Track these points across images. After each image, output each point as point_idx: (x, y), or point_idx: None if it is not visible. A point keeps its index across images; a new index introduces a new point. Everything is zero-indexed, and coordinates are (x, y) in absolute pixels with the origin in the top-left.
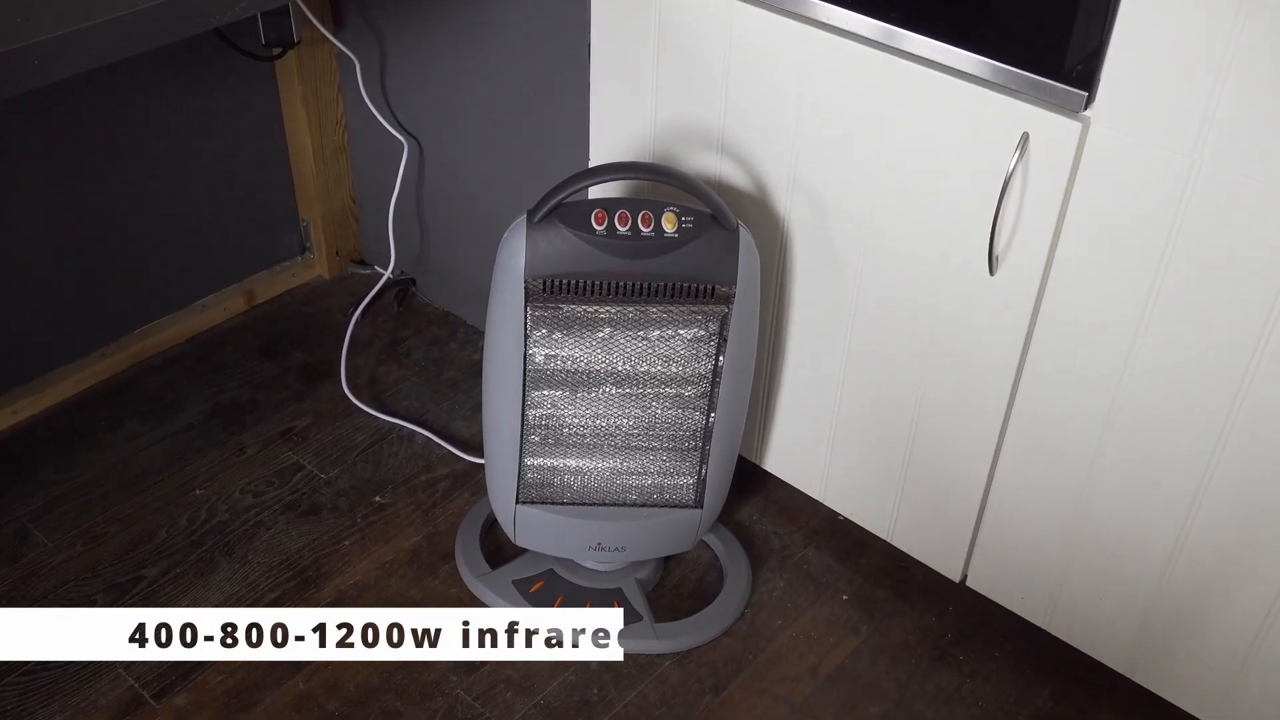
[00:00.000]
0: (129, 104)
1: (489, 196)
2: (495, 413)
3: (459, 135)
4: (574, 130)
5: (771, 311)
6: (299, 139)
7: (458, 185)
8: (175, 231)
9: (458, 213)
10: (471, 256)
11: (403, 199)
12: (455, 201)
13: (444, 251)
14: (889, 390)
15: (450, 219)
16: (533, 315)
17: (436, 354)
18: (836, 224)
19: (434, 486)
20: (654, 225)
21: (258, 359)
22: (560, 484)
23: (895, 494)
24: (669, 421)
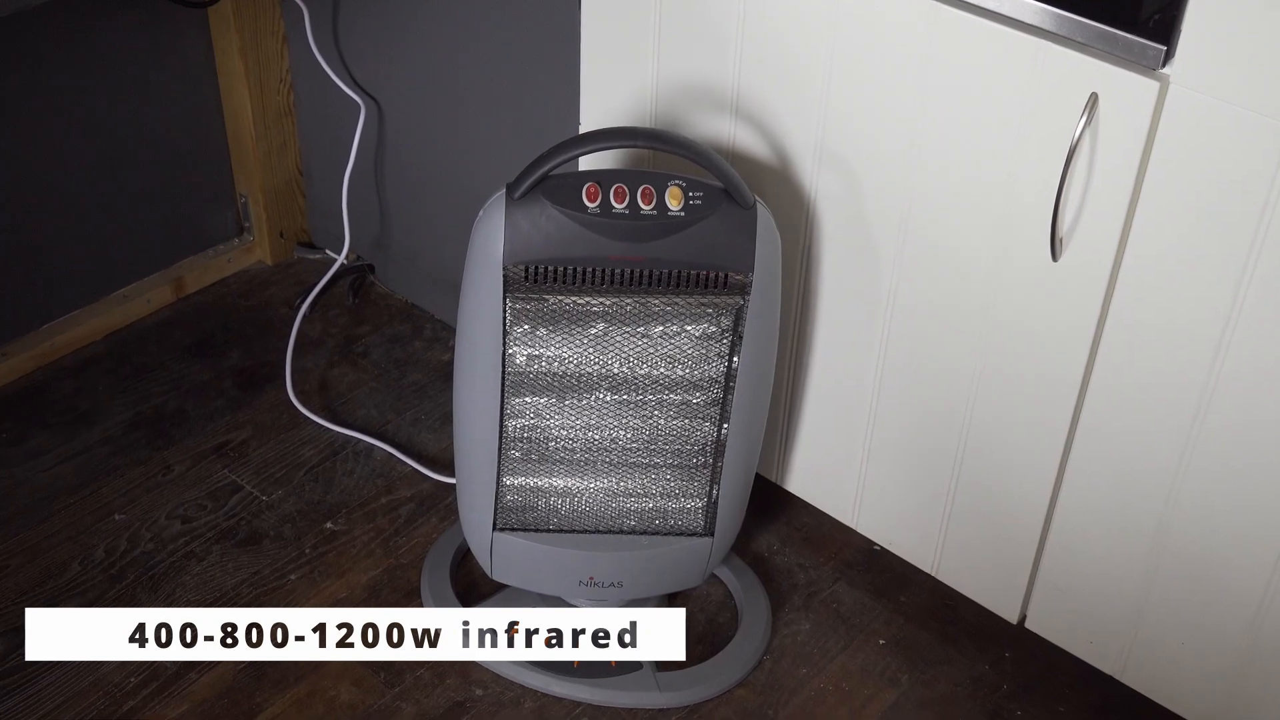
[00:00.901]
0: (29, 58)
1: (461, 167)
2: (468, 424)
3: (425, 95)
4: (562, 90)
5: (795, 304)
6: (235, 99)
7: (424, 154)
8: (88, 210)
9: (424, 187)
10: (440, 239)
11: (359, 171)
12: (421, 173)
13: (408, 233)
14: (933, 399)
15: (415, 194)
16: (513, 308)
17: (399, 354)
18: (871, 202)
19: (396, 511)
20: (656, 202)
21: (187, 360)
22: (545, 508)
23: (941, 521)
24: (674, 434)
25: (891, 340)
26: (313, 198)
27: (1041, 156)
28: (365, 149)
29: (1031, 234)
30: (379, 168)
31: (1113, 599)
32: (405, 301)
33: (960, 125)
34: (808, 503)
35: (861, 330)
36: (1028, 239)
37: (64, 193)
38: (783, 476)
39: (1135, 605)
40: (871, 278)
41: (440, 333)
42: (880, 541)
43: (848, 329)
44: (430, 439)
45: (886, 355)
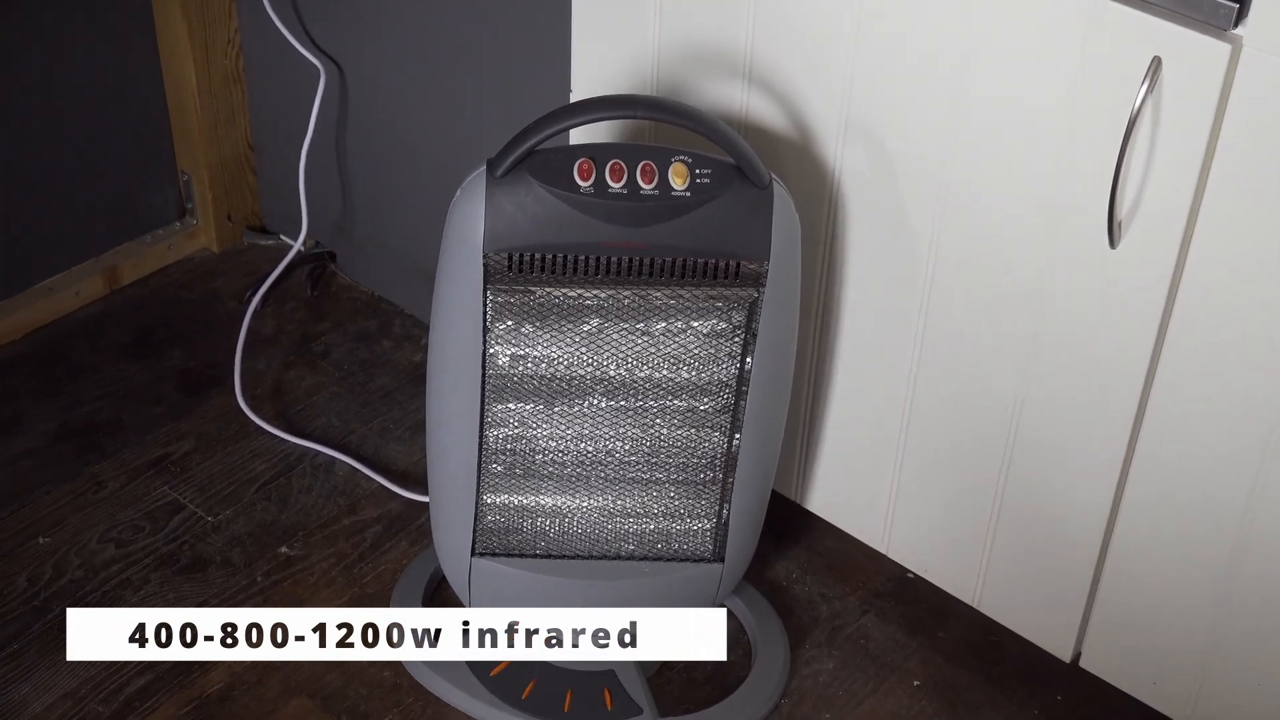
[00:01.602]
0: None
1: (435, 141)
2: (444, 434)
3: (394, 58)
4: (550, 53)
5: (817, 297)
6: (177, 63)
7: (392, 126)
8: (6, 189)
9: (393, 163)
10: (411, 222)
11: (318, 145)
12: (389, 148)
13: (374, 216)
14: (974, 406)
15: (383, 172)
16: (495, 302)
17: (364, 354)
18: (905, 181)
19: (361, 534)
20: (658, 181)
21: (122, 361)
22: (531, 530)
23: (984, 545)
24: (679, 445)
25: (927, 338)
26: (265, 176)
27: (1097, 129)
28: (325, 120)
29: (1086, 218)
30: (341, 141)
31: (1179, 635)
32: (371, 294)
33: (1006, 94)
34: (831, 524)
35: (893, 327)
36: (1082, 224)
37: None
38: (803, 494)
39: (1204, 642)
40: (904, 267)
41: (411, 330)
42: (915, 569)
43: (877, 326)
44: (400, 451)
45: (922, 356)
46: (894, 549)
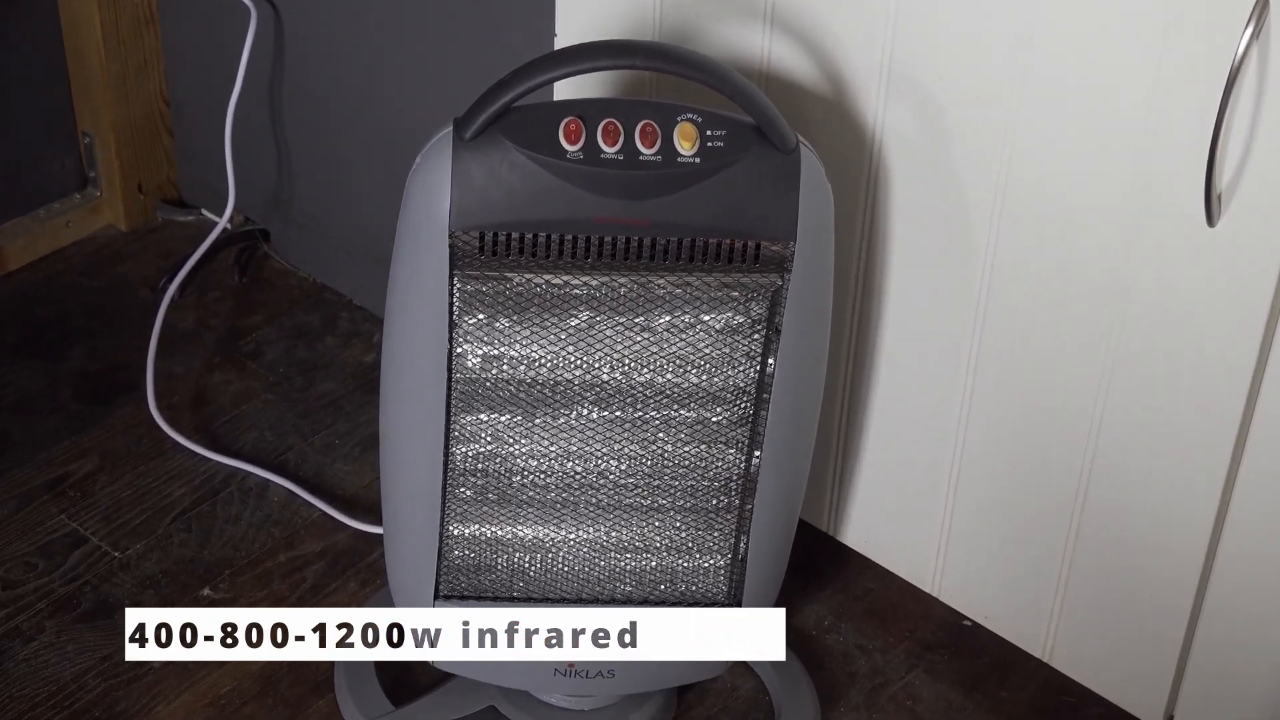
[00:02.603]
0: None
1: (391, 96)
2: (401, 451)
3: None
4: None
5: (854, 286)
6: (77, 2)
7: (339, 78)
8: None
9: (339, 123)
10: (361, 195)
11: (248, 101)
12: (334, 104)
13: (317, 187)
14: (1043, 420)
15: (326, 133)
16: (463, 291)
17: (304, 354)
18: (959, 145)
19: (299, 572)
20: (661, 144)
21: (9, 362)
22: (507, 568)
23: (1056, 587)
24: (686, 465)
25: (987, 338)
26: (184, 138)
27: (1192, 83)
28: (257, 71)
29: (1178, 192)
30: (276, 96)
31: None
32: (312, 281)
33: (1083, 40)
34: (871, 561)
35: (945, 322)
36: (1173, 199)
37: None
38: (837, 525)
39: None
40: (958, 251)
41: (361, 324)
42: (972, 615)
43: (926, 321)
44: (347, 472)
45: (980, 357)
46: (947, 591)
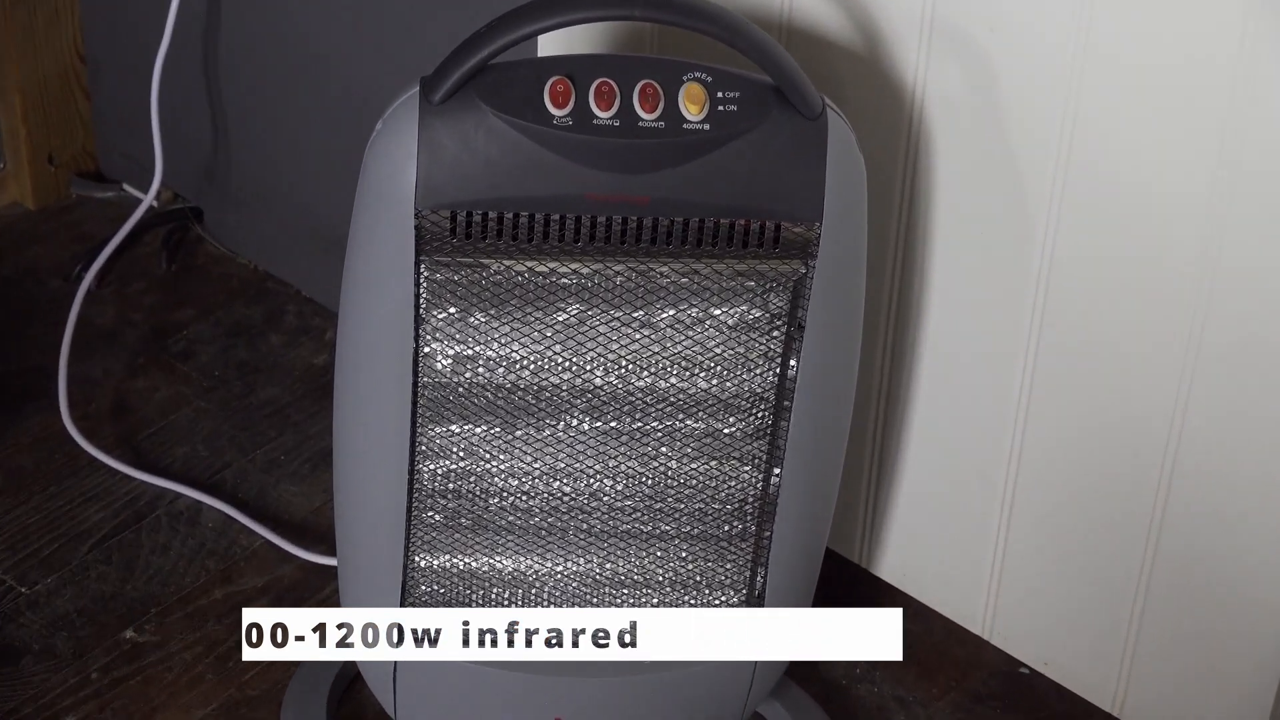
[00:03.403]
0: None
1: (346, 51)
2: (358, 469)
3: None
4: None
5: (890, 274)
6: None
7: (285, 30)
8: None
9: (284, 82)
10: (311, 167)
11: (178, 56)
12: (280, 61)
13: (258, 158)
14: (1111, 435)
15: (270, 95)
16: (432, 280)
17: (243, 354)
18: (1015, 109)
19: (239, 611)
20: (664, 108)
21: None
22: (483, 606)
23: (1128, 628)
24: (694, 485)
25: (1046, 335)
26: (102, 101)
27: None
28: (188, 21)
29: (1275, 164)
30: (211, 51)
31: None
32: (253, 268)
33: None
34: (910, 598)
35: (997, 319)
36: (1269, 173)
37: None
38: (870, 556)
39: None
40: (1014, 233)
41: (311, 319)
42: (1029, 661)
43: (975, 317)
44: (295, 494)
45: (1038, 360)
46: (1000, 634)
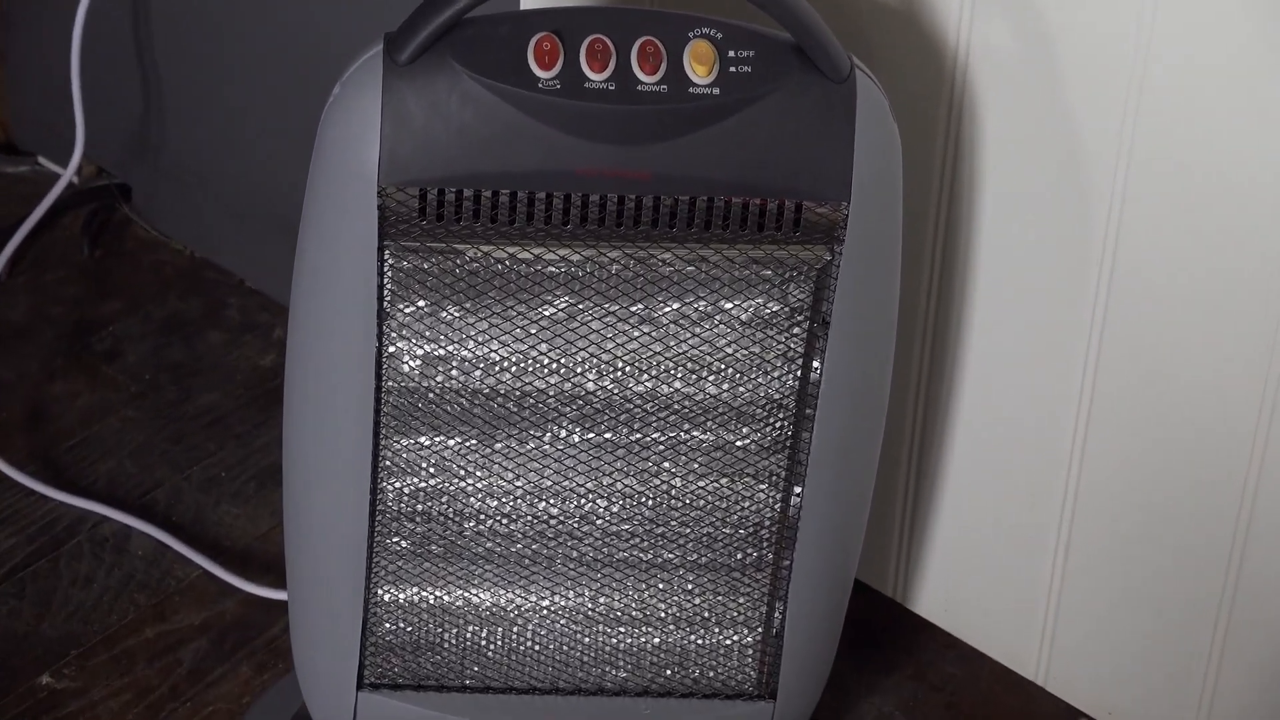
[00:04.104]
0: None
1: (296, 4)
2: (312, 488)
3: None
4: None
5: (930, 263)
6: None
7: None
8: None
9: (225, 42)
10: (256, 138)
11: (102, 12)
12: (220, 17)
13: (194, 128)
14: (1187, 453)
15: (208, 56)
16: (398, 269)
17: (178, 355)
18: (1074, 72)
19: (174, 652)
20: (667, 69)
21: None
22: (456, 648)
23: (1204, 672)
24: (701, 506)
25: (1109, 336)
26: (15, 62)
27: None
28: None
29: None
30: (141, 4)
31: None
32: (189, 254)
33: None
34: (953, 638)
35: (1053, 316)
36: None
37: None
38: (906, 590)
39: None
40: (1072, 215)
41: (257, 314)
42: (1090, 711)
43: (1027, 314)
44: (237, 516)
45: (1100, 365)
46: (1056, 679)
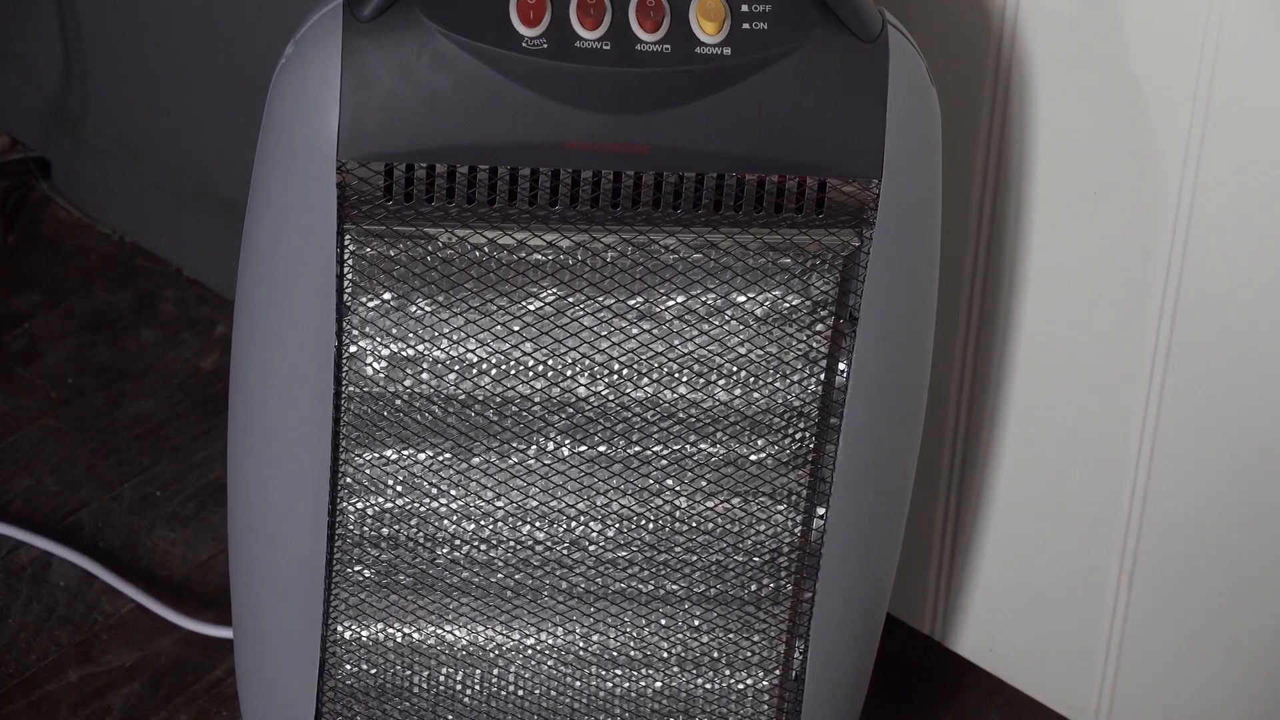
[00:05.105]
0: None
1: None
2: (261, 509)
3: None
4: None
5: (973, 251)
6: None
7: None
8: None
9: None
10: (195, 106)
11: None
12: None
13: (124, 94)
14: (1267, 472)
15: (140, 14)
16: (360, 257)
17: (106, 355)
18: (1140, 31)
19: (101, 699)
20: (670, 26)
21: None
22: (428, 694)
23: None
24: (712, 529)
25: (1178, 338)
26: None
27: None
28: None
29: None
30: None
31: None
32: (118, 239)
33: None
34: (1000, 681)
35: (1114, 312)
36: None
37: None
38: (945, 627)
39: None
40: (1138, 195)
41: (196, 308)
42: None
43: (1085, 309)
44: (174, 542)
45: (1167, 371)
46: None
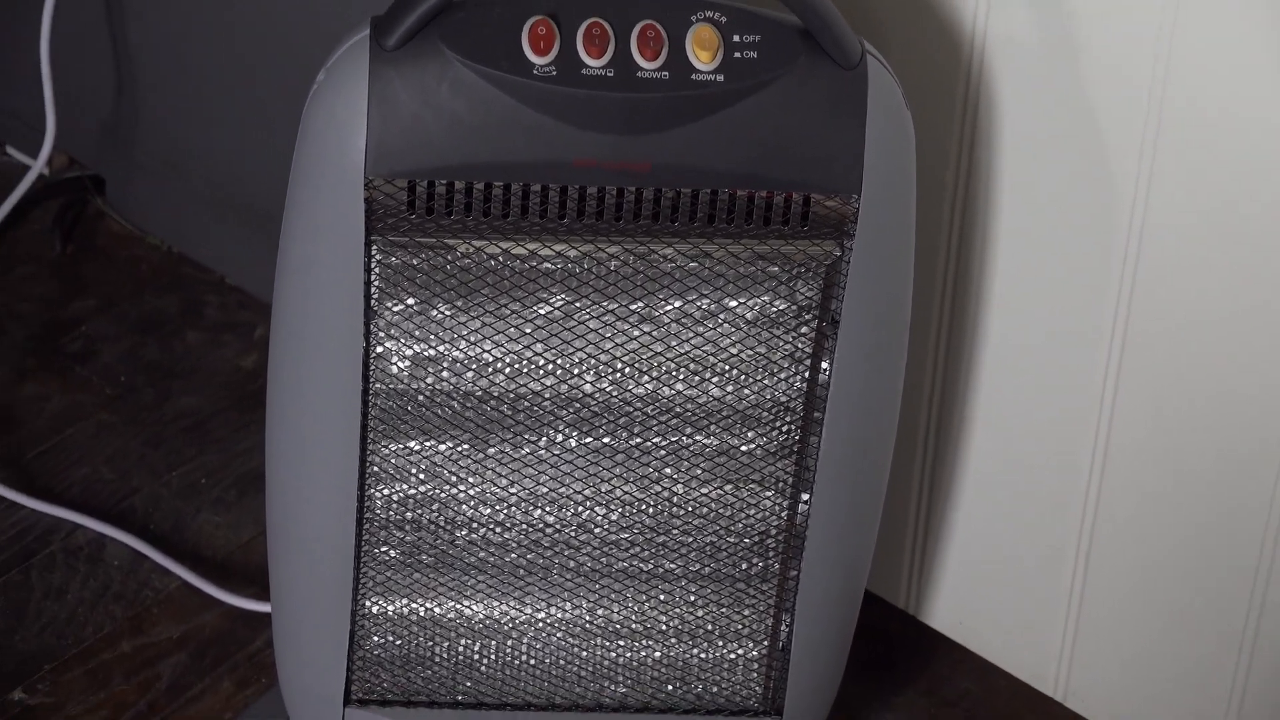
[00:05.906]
0: None
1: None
2: (296, 495)
3: None
4: None
5: (945, 259)
6: None
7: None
8: None
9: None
10: (237, 127)
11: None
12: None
13: (172, 117)
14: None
15: (187, 40)
16: (386, 266)
17: (155, 355)
18: (1097, 57)
19: (152, 667)
20: (668, 55)
21: None
22: (448, 663)
23: (1230, 687)
24: (704, 514)
25: (1133, 334)
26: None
27: None
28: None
29: None
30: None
31: None
32: (167, 250)
33: None
34: (968, 651)
35: (1074, 312)
36: None
37: None
38: (919, 603)
39: None
40: (1094, 205)
41: (237, 313)
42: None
43: (1046, 310)
44: (218, 525)
45: (1123, 364)
46: (1077, 694)
